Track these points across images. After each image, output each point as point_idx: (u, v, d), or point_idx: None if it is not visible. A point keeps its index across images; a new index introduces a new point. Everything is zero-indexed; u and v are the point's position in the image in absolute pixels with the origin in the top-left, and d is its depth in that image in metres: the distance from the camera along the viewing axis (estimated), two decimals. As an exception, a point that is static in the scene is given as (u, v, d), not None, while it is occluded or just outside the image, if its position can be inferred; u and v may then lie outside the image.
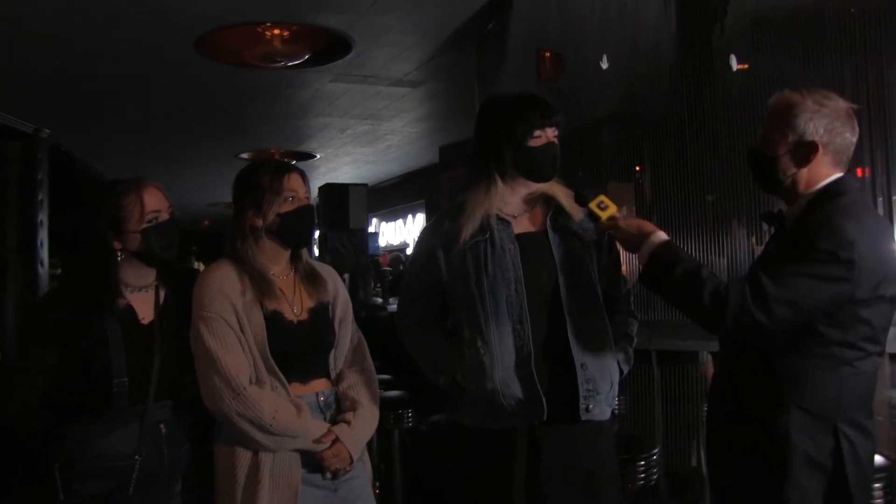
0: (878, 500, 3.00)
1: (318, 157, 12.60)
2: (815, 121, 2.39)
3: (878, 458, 2.92)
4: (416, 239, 3.02)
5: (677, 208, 4.85)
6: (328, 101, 9.26)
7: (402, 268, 13.03)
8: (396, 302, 3.25)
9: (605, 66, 5.21)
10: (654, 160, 5.05)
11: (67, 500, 2.53)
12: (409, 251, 14.73)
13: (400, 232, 15.92)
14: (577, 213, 2.83)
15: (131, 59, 7.36)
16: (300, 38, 6.92)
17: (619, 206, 4.94)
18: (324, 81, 8.37)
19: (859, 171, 4.22)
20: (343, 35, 6.86)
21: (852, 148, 2.47)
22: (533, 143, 2.73)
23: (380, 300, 10.20)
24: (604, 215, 2.67)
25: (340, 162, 13.24)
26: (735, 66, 4.53)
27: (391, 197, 15.77)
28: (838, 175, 2.45)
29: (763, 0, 4.47)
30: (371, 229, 14.37)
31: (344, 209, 10.44)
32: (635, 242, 2.57)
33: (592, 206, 2.69)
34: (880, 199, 4.13)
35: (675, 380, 4.46)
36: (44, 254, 9.36)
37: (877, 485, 2.91)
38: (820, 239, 2.27)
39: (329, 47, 7.18)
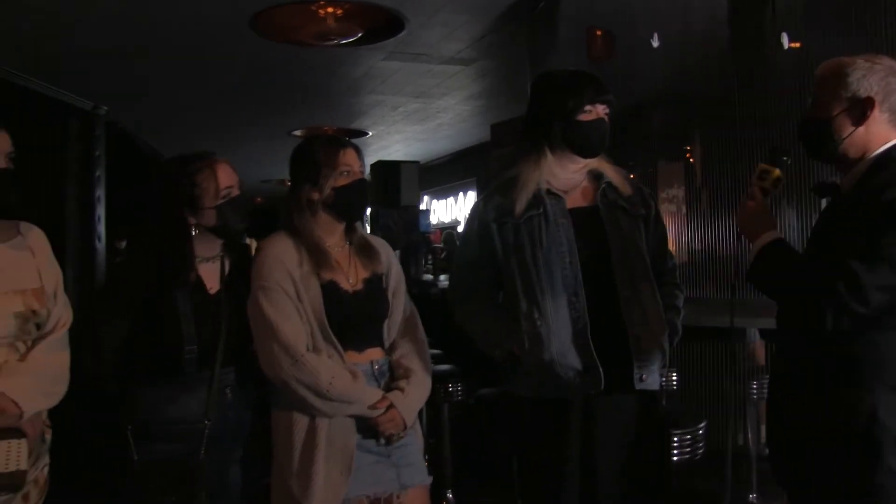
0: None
1: (370, 134, 12.69)
2: (868, 77, 2.30)
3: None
4: (468, 214, 3.09)
5: (727, 188, 4.87)
6: (380, 79, 9.33)
7: (455, 245, 13.12)
8: (448, 278, 3.31)
9: (655, 44, 5.22)
10: (704, 140, 5.07)
11: (140, 460, 2.64)
12: (460, 228, 14.80)
13: (451, 209, 15.97)
14: (625, 188, 2.90)
15: (187, 37, 7.48)
16: (353, 16, 6.97)
17: (668, 186, 4.99)
18: (376, 59, 8.43)
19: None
20: (396, 13, 6.91)
21: None
22: (583, 117, 2.80)
23: (431, 277, 10.27)
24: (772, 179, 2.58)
25: (392, 139, 13.31)
26: (787, 44, 4.52)
27: (442, 174, 15.81)
28: None
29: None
30: (422, 206, 14.43)
31: (395, 186, 10.52)
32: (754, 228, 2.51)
33: (774, 171, 2.58)
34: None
35: (724, 357, 4.49)
36: (101, 229, 9.56)
37: None
38: (892, 194, 2.15)
39: (382, 25, 7.23)
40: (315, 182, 2.75)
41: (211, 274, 2.80)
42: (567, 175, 2.89)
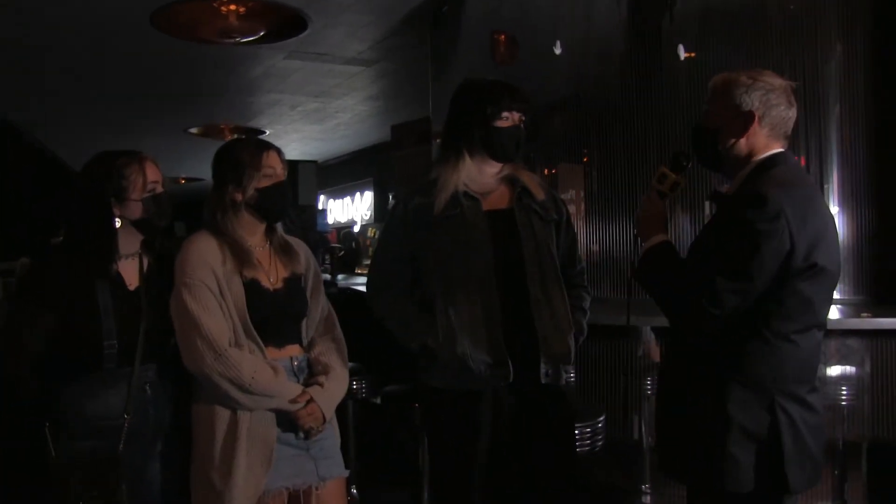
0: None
1: (268, 133, 12.60)
2: (749, 93, 2.51)
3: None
4: (388, 212, 3.19)
5: (624, 192, 5.05)
6: (280, 78, 9.30)
7: (353, 245, 13.14)
8: (354, 276, 3.38)
9: (558, 51, 5.37)
10: (602, 144, 5.24)
11: (58, 457, 2.63)
12: (356, 228, 14.82)
13: (348, 209, 15.97)
14: (539, 193, 3.04)
15: (86, 32, 7.35)
16: (257, 14, 6.96)
17: (568, 188, 5.14)
18: (277, 58, 8.41)
19: (802, 161, 4.44)
20: (299, 12, 6.92)
21: (790, 122, 2.58)
22: (500, 123, 2.94)
23: (328, 276, 10.27)
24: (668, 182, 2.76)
25: (289, 139, 13.24)
26: (683, 54, 4.72)
27: (340, 174, 15.80)
28: (777, 150, 2.55)
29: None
30: (319, 206, 14.41)
31: (292, 185, 10.50)
32: (646, 229, 2.71)
33: (671, 175, 2.74)
34: (815, 186, 4.35)
35: (620, 354, 4.64)
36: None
37: None
38: (748, 211, 2.36)
39: (284, 24, 7.22)
40: (239, 183, 2.80)
41: (130, 270, 2.82)
42: (484, 178, 3.01)
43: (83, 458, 2.61)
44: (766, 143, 2.55)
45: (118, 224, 2.77)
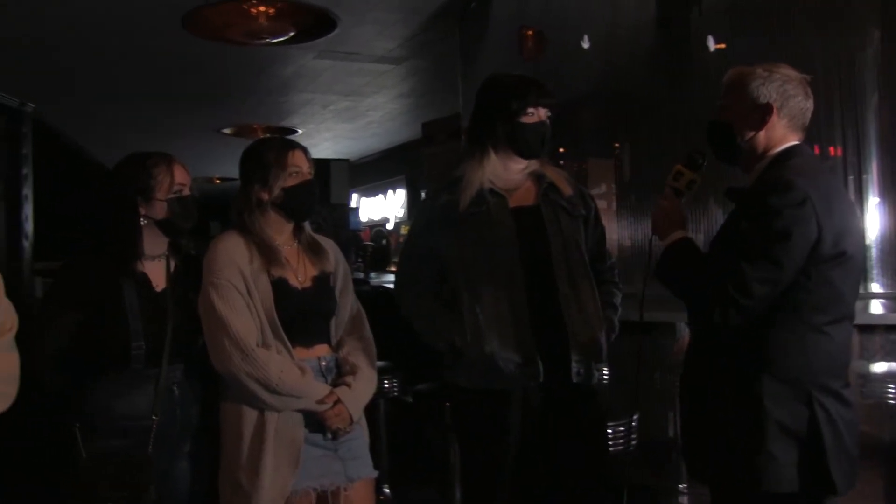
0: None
1: (300, 132, 12.63)
2: (766, 85, 2.48)
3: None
4: (416, 210, 3.18)
5: (655, 186, 4.99)
6: (311, 78, 9.31)
7: (384, 242, 13.14)
8: (386, 274, 3.38)
9: (586, 45, 5.33)
10: (632, 138, 5.19)
11: (88, 456, 2.65)
12: (389, 226, 14.83)
13: (381, 207, 15.97)
14: (566, 189, 3.01)
15: (119, 35, 7.40)
16: (285, 15, 6.96)
17: (598, 183, 5.09)
18: (307, 58, 8.42)
19: (832, 150, 4.36)
20: (328, 12, 6.92)
21: (808, 114, 2.55)
22: (525, 119, 2.92)
23: (361, 274, 10.28)
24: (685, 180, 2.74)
25: (321, 137, 13.27)
26: (712, 46, 4.66)
27: (372, 172, 15.80)
28: (794, 142, 2.52)
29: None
30: (352, 204, 14.44)
31: (325, 184, 10.55)
32: (665, 227, 2.68)
33: (687, 172, 2.73)
34: (851, 178, 4.27)
35: (654, 351, 4.59)
36: (29, 228, 9.38)
37: None
38: (773, 198, 2.32)
39: (313, 24, 7.22)
40: (265, 182, 2.80)
41: (157, 272, 2.84)
42: (510, 175, 2.99)
43: (112, 459, 2.63)
44: (783, 135, 2.52)
45: (143, 223, 2.78)
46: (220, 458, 2.75)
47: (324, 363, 2.85)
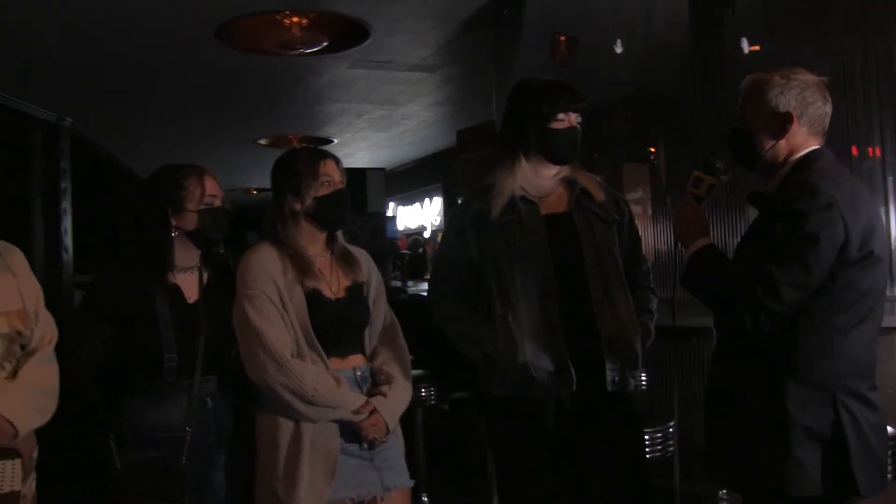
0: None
1: (336, 142, 12.68)
2: (785, 93, 2.47)
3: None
4: (448, 218, 3.17)
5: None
6: (345, 87, 9.35)
7: (420, 251, 13.17)
8: (423, 282, 3.39)
9: (619, 50, 5.30)
10: (667, 142, 5.15)
11: (123, 467, 2.67)
12: (426, 234, 14.84)
13: (417, 215, 15.98)
14: (599, 195, 2.98)
15: (153, 48, 7.46)
16: (318, 25, 7.00)
17: (634, 187, 5.07)
18: (341, 68, 8.45)
19: (870, 151, 4.30)
20: (360, 22, 6.95)
21: (827, 119, 2.54)
22: (556, 124, 2.90)
23: (398, 283, 10.30)
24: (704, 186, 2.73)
25: (357, 147, 13.32)
26: (746, 48, 4.62)
27: (408, 181, 15.82)
28: (815, 147, 2.51)
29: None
30: (388, 213, 14.45)
31: (361, 193, 10.56)
32: (688, 234, 2.66)
33: (706, 178, 2.72)
34: (890, 178, 4.21)
35: (691, 356, 4.56)
36: (68, 241, 9.48)
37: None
38: (800, 201, 2.31)
39: (347, 34, 7.25)
40: (297, 192, 2.80)
41: (189, 284, 2.85)
42: (541, 182, 2.98)
43: (146, 470, 2.65)
44: (804, 141, 2.51)
45: (174, 234, 2.80)
46: (256, 469, 2.75)
47: (359, 373, 2.85)
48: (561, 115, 2.90)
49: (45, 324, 2.58)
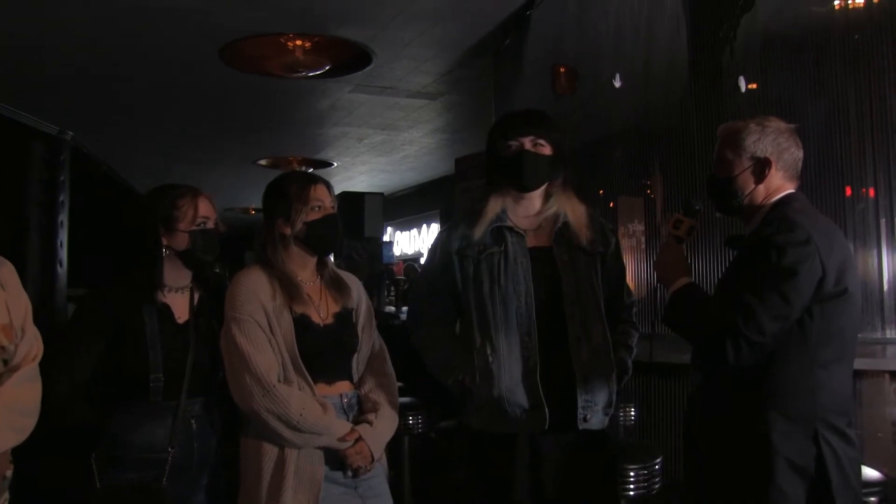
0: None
1: (335, 165, 12.73)
2: (762, 140, 2.60)
3: (873, 473, 2.98)
4: (432, 242, 3.16)
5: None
6: (347, 111, 9.40)
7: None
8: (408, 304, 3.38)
9: (618, 84, 5.33)
10: (664, 176, 5.17)
11: (102, 487, 2.64)
12: (423, 260, 14.81)
13: (415, 241, 16.02)
14: (581, 227, 2.95)
15: (156, 65, 7.52)
16: (322, 49, 7.06)
17: (631, 220, 5.07)
18: (343, 92, 8.51)
19: (864, 192, 4.32)
20: (364, 47, 7.00)
21: (800, 163, 2.65)
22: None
23: (393, 308, 10.28)
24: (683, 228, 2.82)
25: (357, 171, 13.36)
26: (744, 86, 4.65)
27: (406, 206, 15.87)
28: (790, 190, 2.62)
29: (772, 24, 4.58)
30: (386, 238, 14.47)
31: (359, 217, 10.57)
32: (669, 274, 2.74)
33: (686, 220, 2.82)
34: (883, 220, 4.22)
35: (680, 392, 4.55)
36: (63, 254, 9.46)
37: (872, 499, 2.90)
38: (779, 237, 2.41)
39: (350, 59, 7.32)
40: (287, 217, 2.80)
41: (180, 304, 2.84)
42: (527, 212, 2.99)
43: (126, 490, 2.62)
44: (780, 185, 2.62)
45: (165, 253, 2.79)
46: (239, 494, 2.72)
47: (345, 400, 2.83)
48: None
49: (30, 339, 2.54)
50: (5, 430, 2.37)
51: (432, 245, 3.14)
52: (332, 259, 2.99)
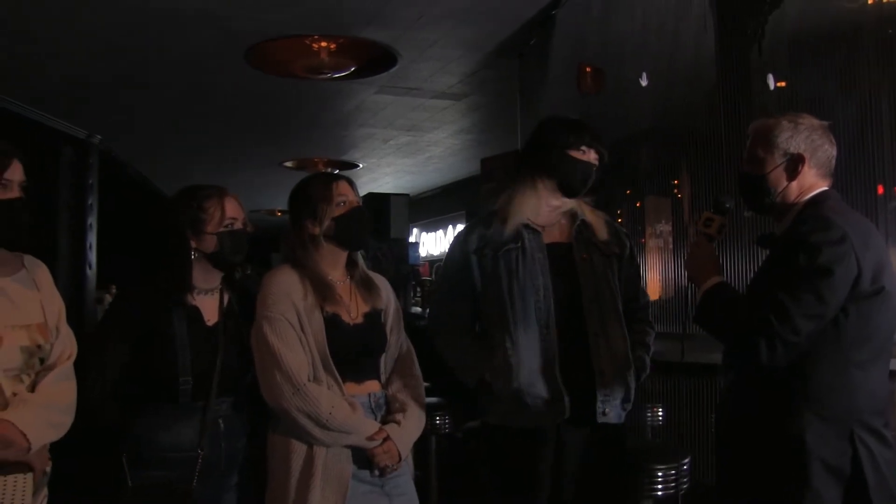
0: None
1: (361, 166, 12.75)
2: (795, 137, 2.56)
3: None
4: (451, 243, 3.19)
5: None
6: (372, 113, 9.41)
7: (441, 277, 13.15)
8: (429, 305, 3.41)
9: (644, 83, 5.30)
10: (691, 176, 5.13)
11: (133, 486, 2.66)
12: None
13: (440, 242, 16.00)
14: (600, 228, 3.07)
15: (183, 68, 7.58)
16: (347, 50, 7.08)
17: (658, 220, 5.04)
18: (368, 93, 8.52)
19: (896, 189, 4.26)
20: (388, 48, 7.01)
21: (833, 161, 2.62)
22: (577, 154, 3.00)
23: (419, 309, 10.29)
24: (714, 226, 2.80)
25: (382, 172, 13.38)
26: (773, 84, 4.61)
27: (432, 207, 15.87)
28: (823, 188, 2.58)
29: (801, 20, 4.53)
30: (412, 239, 14.47)
31: (385, 219, 10.59)
32: (700, 273, 2.71)
33: (717, 218, 2.80)
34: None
35: (709, 392, 4.52)
36: (92, 257, 9.58)
37: None
38: (814, 235, 2.37)
39: (374, 60, 7.33)
40: (314, 216, 2.82)
41: (209, 306, 2.85)
42: (547, 211, 3.05)
43: (156, 490, 2.64)
44: (813, 183, 2.58)
45: (193, 256, 2.80)
46: (267, 491, 2.74)
47: (374, 399, 2.84)
48: (583, 147, 3.00)
49: (65, 339, 2.58)
50: (44, 427, 2.40)
51: (451, 246, 3.18)
52: (362, 260, 2.99)
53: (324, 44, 7.00)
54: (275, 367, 2.64)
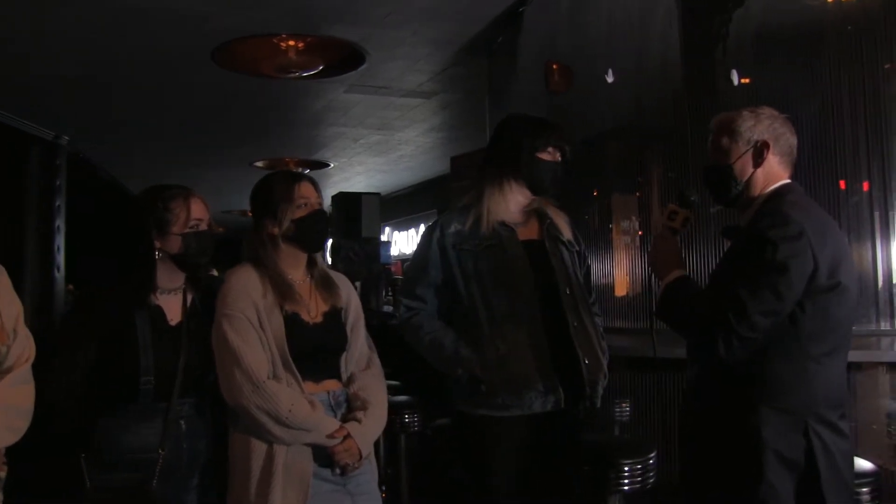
0: (865, 506, 3.03)
1: (332, 166, 12.73)
2: (758, 125, 2.61)
3: (866, 464, 3.00)
4: (423, 234, 3.23)
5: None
6: (342, 112, 9.39)
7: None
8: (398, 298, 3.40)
9: (610, 79, 5.32)
10: (657, 173, 5.16)
11: (92, 487, 2.63)
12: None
13: (412, 241, 15.99)
14: (564, 227, 3.19)
15: (150, 68, 7.52)
16: (315, 49, 7.06)
17: (625, 217, 5.06)
18: (338, 92, 8.50)
19: (865, 185, 4.30)
20: (357, 47, 7.00)
21: (795, 149, 2.67)
22: (544, 156, 3.09)
23: (391, 308, 10.26)
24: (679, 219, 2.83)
25: (353, 171, 13.36)
26: (737, 80, 4.64)
27: (403, 206, 15.87)
28: (786, 180, 2.62)
29: (765, 18, 4.57)
30: (383, 238, 14.46)
31: (356, 218, 10.57)
32: (663, 266, 2.75)
33: (682, 211, 2.82)
34: (877, 213, 4.21)
35: (674, 387, 4.54)
36: (60, 259, 9.50)
37: (864, 489, 2.90)
38: (771, 231, 2.41)
39: (343, 59, 7.32)
40: (274, 216, 2.81)
41: (172, 306, 2.83)
42: (517, 210, 3.14)
43: (117, 491, 2.62)
44: (777, 172, 2.62)
45: (157, 256, 2.78)
46: (228, 491, 2.72)
47: (333, 397, 2.83)
48: (550, 148, 3.09)
49: (23, 341, 2.56)
50: (1, 430, 2.37)
51: (423, 241, 3.18)
52: (321, 259, 2.99)
53: (292, 42, 6.98)
54: (234, 365, 2.63)
